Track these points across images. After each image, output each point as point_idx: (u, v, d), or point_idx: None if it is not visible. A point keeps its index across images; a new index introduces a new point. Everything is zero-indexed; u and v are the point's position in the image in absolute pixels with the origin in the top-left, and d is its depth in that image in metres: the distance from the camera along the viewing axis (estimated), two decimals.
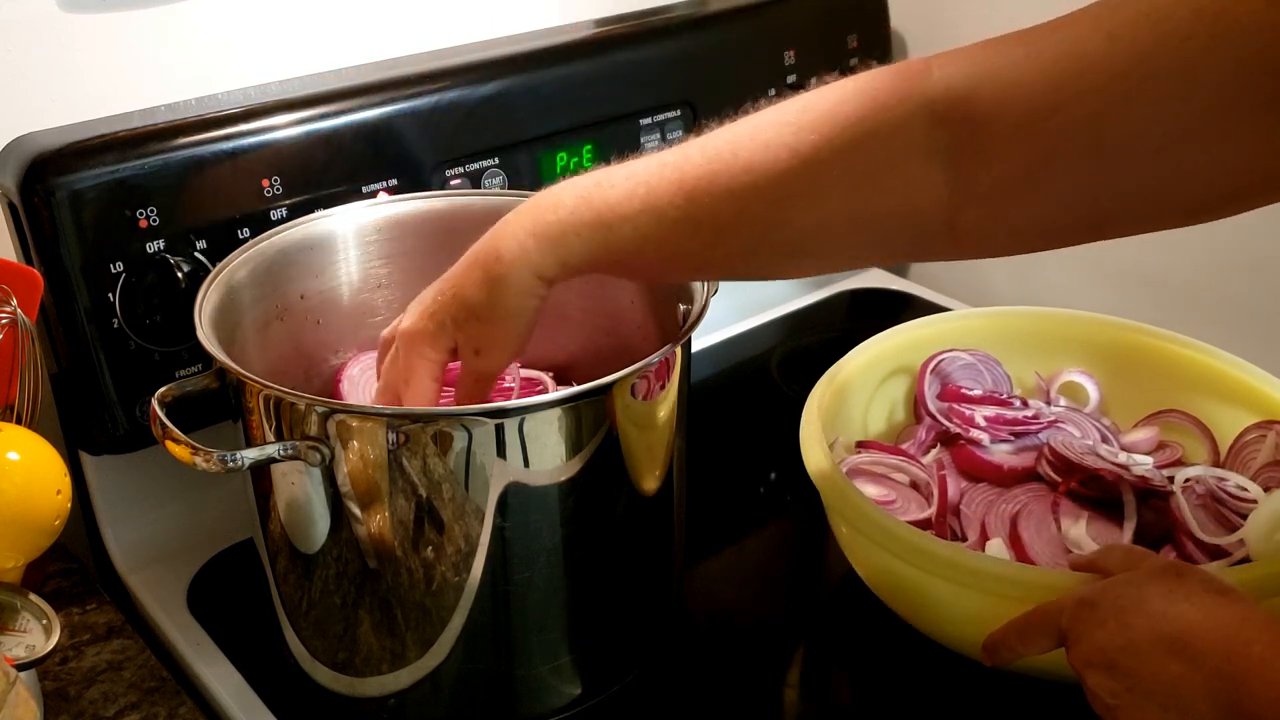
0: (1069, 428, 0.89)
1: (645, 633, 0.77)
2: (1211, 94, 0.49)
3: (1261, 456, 0.83)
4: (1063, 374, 0.94)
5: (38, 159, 0.75)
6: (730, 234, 0.60)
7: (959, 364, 0.92)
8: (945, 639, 0.75)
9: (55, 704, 0.72)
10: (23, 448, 0.70)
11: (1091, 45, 0.52)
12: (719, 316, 1.13)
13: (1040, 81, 0.53)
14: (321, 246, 0.79)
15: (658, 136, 1.01)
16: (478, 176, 0.92)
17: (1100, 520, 0.80)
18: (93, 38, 0.85)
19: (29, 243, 0.76)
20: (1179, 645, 0.55)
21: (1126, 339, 0.92)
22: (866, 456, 0.86)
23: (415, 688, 0.70)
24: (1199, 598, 0.56)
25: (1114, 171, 0.53)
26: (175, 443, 0.62)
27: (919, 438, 0.89)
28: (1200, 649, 0.54)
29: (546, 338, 0.84)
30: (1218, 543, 0.77)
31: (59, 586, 0.81)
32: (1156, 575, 0.59)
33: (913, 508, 0.82)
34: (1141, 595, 0.58)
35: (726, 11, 1.07)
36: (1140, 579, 0.59)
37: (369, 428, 0.62)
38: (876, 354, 0.90)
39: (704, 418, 0.79)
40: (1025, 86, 0.54)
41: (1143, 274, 1.10)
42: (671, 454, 0.72)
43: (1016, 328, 0.95)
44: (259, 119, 0.82)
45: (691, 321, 0.68)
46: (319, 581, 0.69)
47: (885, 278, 1.26)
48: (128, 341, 0.79)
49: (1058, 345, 0.94)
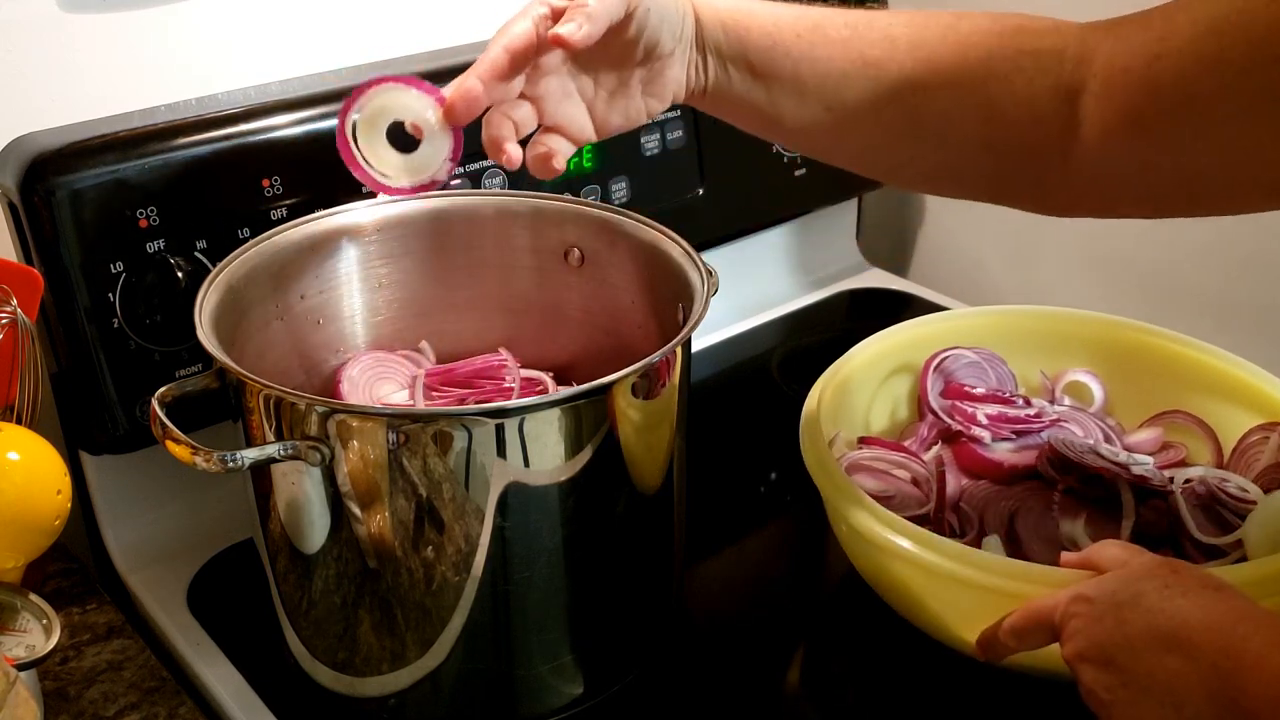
0: (1072, 427, 0.89)
1: (645, 632, 0.77)
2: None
3: (1265, 458, 0.83)
4: (1068, 373, 0.94)
5: (38, 159, 0.75)
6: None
7: (963, 362, 0.92)
8: (941, 635, 0.75)
9: (55, 704, 0.72)
10: (23, 448, 0.70)
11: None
12: (719, 316, 1.13)
13: (1148, 34, 0.61)
14: (321, 246, 0.78)
15: (658, 136, 1.01)
16: (478, 176, 0.92)
17: (1098, 519, 0.80)
18: (93, 38, 0.85)
19: (29, 243, 0.76)
20: (1175, 641, 0.55)
21: (1131, 339, 0.92)
22: (867, 452, 0.86)
23: (415, 688, 0.70)
24: (1195, 593, 0.56)
25: (1206, 133, 0.59)
26: (175, 443, 0.62)
27: (921, 434, 0.90)
28: (1196, 644, 0.54)
29: (546, 338, 0.85)
30: (1215, 543, 0.77)
31: (59, 586, 0.81)
32: (1152, 571, 0.59)
33: (911, 503, 0.82)
34: (1137, 591, 0.58)
35: None
36: (1136, 575, 0.59)
37: (369, 428, 0.62)
38: (879, 351, 0.90)
39: (704, 418, 0.79)
40: (1141, 42, 0.61)
41: (1142, 273, 1.10)
42: (671, 454, 0.72)
43: (1021, 327, 0.95)
44: (259, 119, 0.82)
45: (692, 322, 0.68)
46: (319, 581, 0.69)
47: (885, 278, 1.26)
48: (128, 341, 0.79)
49: (1063, 345, 0.94)
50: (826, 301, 1.22)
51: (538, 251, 0.82)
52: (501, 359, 0.83)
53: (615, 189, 1.00)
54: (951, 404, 0.90)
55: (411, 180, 0.68)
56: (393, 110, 0.67)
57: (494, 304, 0.85)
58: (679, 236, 0.76)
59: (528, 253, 0.83)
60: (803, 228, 1.22)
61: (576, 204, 0.81)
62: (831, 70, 0.67)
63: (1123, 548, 0.65)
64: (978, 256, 1.25)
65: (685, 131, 1.03)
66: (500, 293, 0.84)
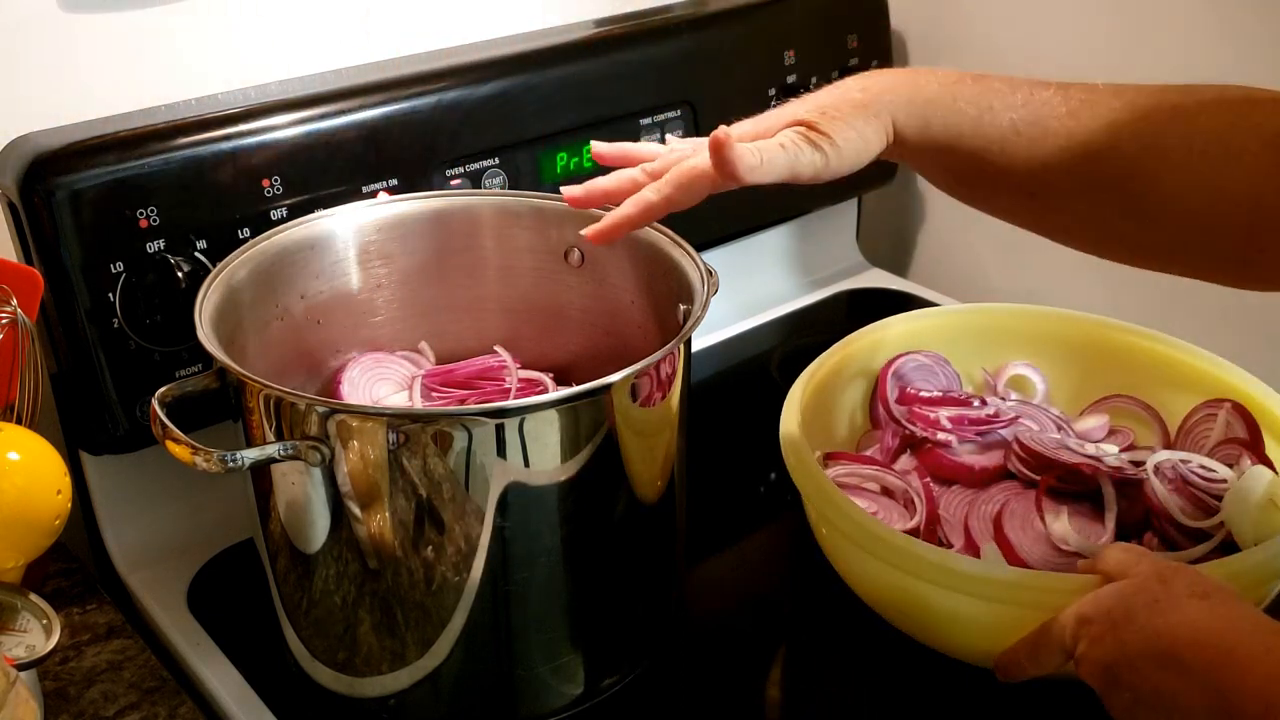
0: (1027, 422, 0.88)
1: (646, 632, 0.77)
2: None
3: (1214, 435, 0.84)
4: (1008, 367, 0.94)
5: (38, 159, 0.75)
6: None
7: (911, 365, 0.92)
8: (947, 648, 0.75)
9: (55, 704, 0.72)
10: (23, 448, 0.70)
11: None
12: (719, 316, 1.13)
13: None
14: (321, 246, 0.78)
15: (658, 136, 1.01)
16: (478, 176, 0.92)
17: (1078, 513, 0.80)
18: (93, 38, 0.85)
19: (29, 243, 0.76)
20: (1168, 658, 0.55)
21: (1068, 328, 0.93)
22: (842, 469, 0.85)
23: (415, 688, 0.70)
24: (1184, 606, 0.57)
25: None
26: (175, 443, 0.62)
27: (886, 444, 0.89)
28: (1188, 661, 0.55)
29: (546, 338, 0.85)
30: (1200, 526, 0.77)
31: (59, 586, 0.81)
32: (1142, 586, 0.59)
33: (895, 517, 0.81)
34: (1130, 609, 0.58)
35: (726, 11, 1.07)
36: (1128, 591, 0.60)
37: (369, 428, 0.62)
38: (835, 365, 0.88)
39: (704, 418, 0.79)
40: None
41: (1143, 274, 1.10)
42: (672, 454, 0.72)
43: (959, 325, 0.95)
44: (259, 119, 0.82)
45: (692, 322, 0.68)
46: (319, 581, 0.69)
47: (885, 278, 1.26)
48: (128, 341, 0.79)
49: (998, 339, 0.94)
50: (826, 301, 1.22)
51: (538, 251, 0.82)
52: (501, 360, 0.83)
53: None
54: (909, 410, 0.89)
55: None
56: None
57: (494, 304, 0.85)
58: (679, 236, 0.76)
59: (528, 253, 0.83)
60: (803, 228, 1.22)
61: None
62: (1049, 163, 0.65)
63: (1124, 551, 0.65)
64: (978, 256, 1.25)
65: (685, 132, 1.03)
66: (500, 293, 0.84)
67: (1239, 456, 0.80)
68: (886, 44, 1.17)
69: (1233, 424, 0.83)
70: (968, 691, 0.74)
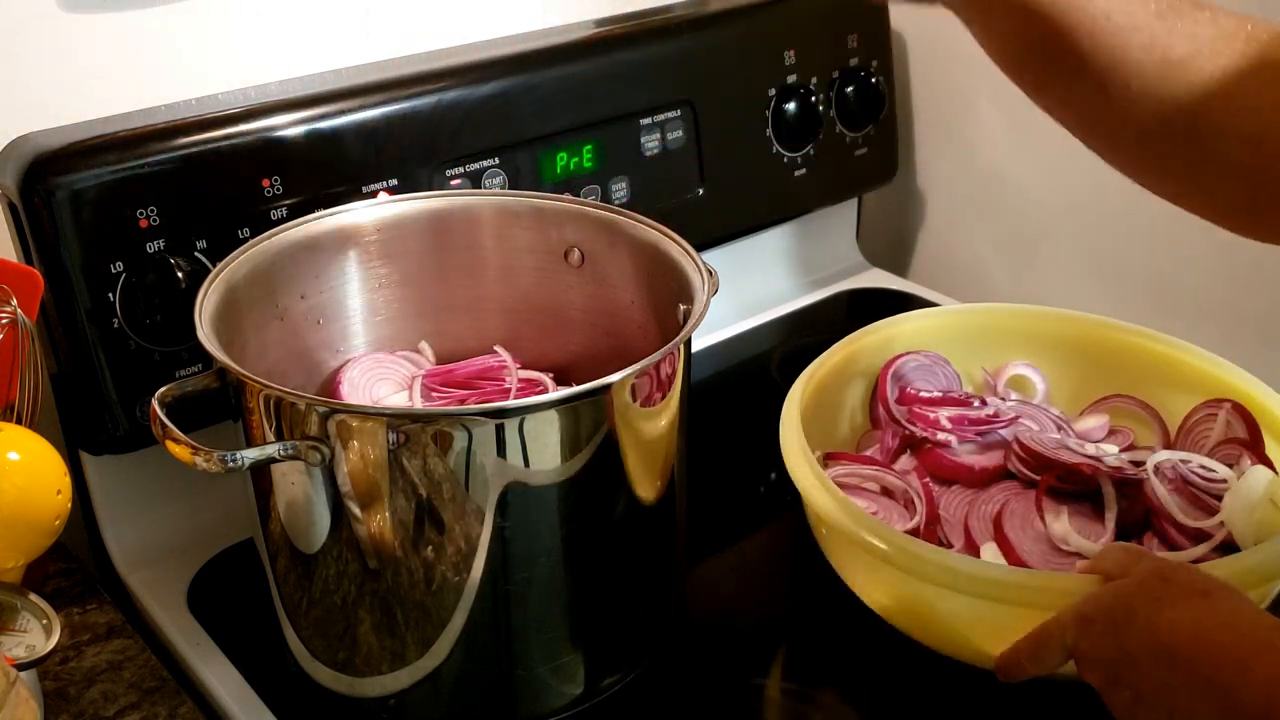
0: (1027, 422, 0.88)
1: (646, 632, 0.77)
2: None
3: (1214, 435, 0.84)
4: (1008, 367, 0.94)
5: (38, 159, 0.75)
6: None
7: (911, 365, 0.92)
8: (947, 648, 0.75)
9: (55, 704, 0.72)
10: (23, 448, 0.70)
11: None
12: (719, 316, 1.13)
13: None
14: (321, 246, 0.78)
15: (658, 136, 1.01)
16: (478, 176, 0.92)
17: (1078, 513, 0.80)
18: (93, 38, 0.85)
19: (29, 243, 0.76)
20: (1169, 657, 0.55)
21: (1068, 328, 0.93)
22: (842, 469, 0.85)
23: (415, 688, 0.70)
24: (1184, 604, 0.57)
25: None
26: (175, 443, 0.62)
27: (886, 444, 0.89)
28: (1189, 659, 0.54)
29: (546, 338, 0.85)
30: (1200, 526, 0.77)
31: (59, 586, 0.81)
32: (1143, 584, 0.59)
33: (895, 517, 0.81)
34: (1130, 607, 0.58)
35: (726, 11, 1.07)
36: (1129, 590, 0.59)
37: (369, 428, 0.62)
38: (835, 365, 0.88)
39: (704, 418, 0.79)
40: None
41: (1144, 274, 1.10)
42: (672, 454, 0.72)
43: (958, 325, 0.95)
44: (259, 119, 0.82)
45: (692, 322, 0.68)
46: (319, 581, 0.69)
47: (885, 278, 1.26)
48: (128, 341, 0.79)
49: (1000, 339, 0.94)
50: (826, 301, 1.22)
51: (538, 251, 0.82)
52: (501, 360, 0.83)
53: (615, 189, 1.00)
54: (909, 410, 0.89)
55: None
56: None
57: (494, 304, 0.85)
58: (679, 236, 0.76)
59: (528, 253, 0.83)
60: (802, 228, 1.22)
61: (576, 204, 0.81)
62: (1129, 59, 0.59)
63: (1124, 551, 0.65)
64: (978, 256, 1.25)
65: (685, 132, 1.03)
66: (500, 293, 0.84)
67: (1239, 456, 0.80)
68: (887, 44, 1.17)
69: (1233, 424, 0.83)
70: (968, 692, 0.74)
